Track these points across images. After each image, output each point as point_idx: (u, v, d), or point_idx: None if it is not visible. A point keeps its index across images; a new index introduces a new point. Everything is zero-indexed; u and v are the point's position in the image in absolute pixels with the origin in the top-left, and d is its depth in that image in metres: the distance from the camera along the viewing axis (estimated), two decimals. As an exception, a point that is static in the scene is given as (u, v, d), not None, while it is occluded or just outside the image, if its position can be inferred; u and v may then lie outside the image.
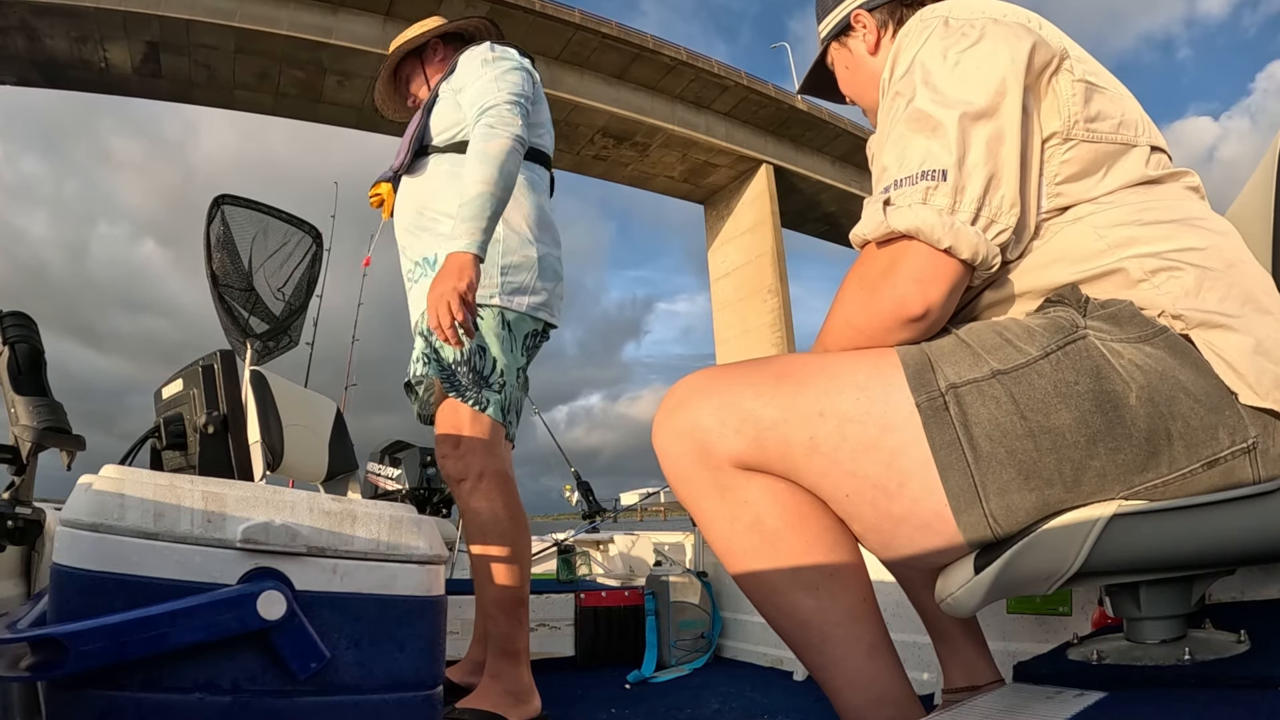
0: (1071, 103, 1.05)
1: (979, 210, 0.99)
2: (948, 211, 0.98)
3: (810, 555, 1.06)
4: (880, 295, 1.02)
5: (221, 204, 4.92)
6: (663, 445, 1.12)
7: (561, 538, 4.10)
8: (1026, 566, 0.95)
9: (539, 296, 2.11)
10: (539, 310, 2.11)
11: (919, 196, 0.99)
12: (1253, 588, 1.43)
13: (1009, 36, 1.05)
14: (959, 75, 1.03)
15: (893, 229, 1.00)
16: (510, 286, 2.05)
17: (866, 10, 1.32)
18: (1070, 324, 0.98)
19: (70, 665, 0.96)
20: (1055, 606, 1.83)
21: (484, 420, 2.01)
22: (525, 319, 2.09)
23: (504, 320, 2.04)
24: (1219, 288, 0.99)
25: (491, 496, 1.98)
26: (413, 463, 4.21)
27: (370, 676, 1.15)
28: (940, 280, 0.99)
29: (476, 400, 2.00)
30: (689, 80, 28.32)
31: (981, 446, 0.94)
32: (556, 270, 2.19)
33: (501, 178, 1.93)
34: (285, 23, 22.92)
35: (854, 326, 1.06)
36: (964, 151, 0.99)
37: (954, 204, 0.98)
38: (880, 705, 1.07)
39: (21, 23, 20.99)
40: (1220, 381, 0.94)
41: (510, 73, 2.10)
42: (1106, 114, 1.07)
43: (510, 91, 2.05)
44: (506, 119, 2.00)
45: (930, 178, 0.99)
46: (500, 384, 2.03)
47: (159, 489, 1.08)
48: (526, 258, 2.08)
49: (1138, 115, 1.10)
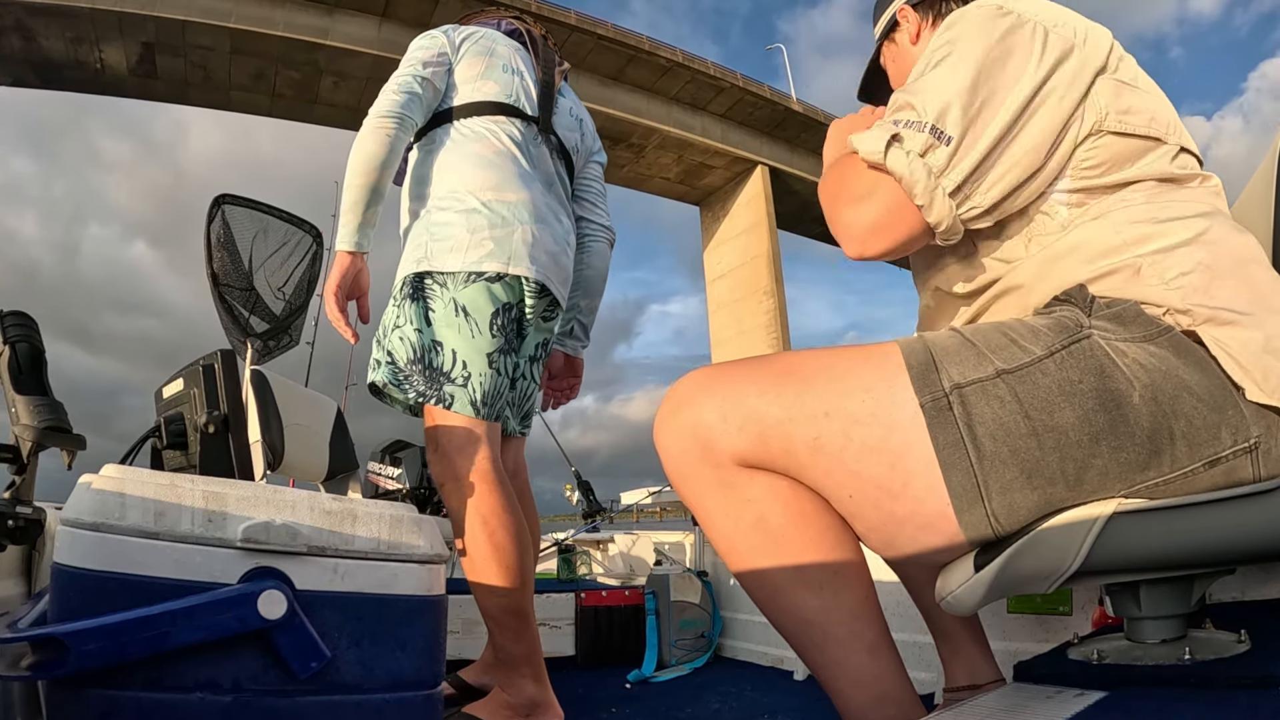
0: (1103, 99, 1.06)
1: (961, 185, 1.04)
2: (937, 174, 1.04)
3: (814, 554, 1.06)
4: (851, 211, 1.10)
5: (222, 204, 4.92)
6: (665, 443, 1.12)
7: (562, 537, 4.10)
8: (1026, 565, 0.96)
9: (480, 250, 1.87)
10: (484, 262, 1.87)
11: (919, 146, 1.04)
12: (1253, 588, 1.43)
13: (1054, 43, 1.07)
14: (998, 56, 1.06)
15: (884, 166, 1.06)
16: (440, 248, 1.88)
17: (910, 6, 1.37)
18: (1075, 324, 0.99)
19: (71, 665, 0.96)
20: (1055, 606, 1.83)
21: (454, 418, 1.86)
22: (481, 289, 1.87)
23: (457, 306, 1.87)
24: (1229, 285, 0.99)
25: (464, 500, 1.83)
26: (413, 462, 4.19)
27: (371, 676, 1.15)
28: (902, 227, 1.07)
29: (439, 398, 1.86)
30: (685, 82, 28.38)
31: (985, 446, 0.94)
32: (514, 217, 1.92)
33: (357, 162, 1.85)
34: (281, 23, 22.94)
35: (826, 206, 1.16)
36: (974, 127, 1.03)
37: (945, 168, 1.04)
38: (882, 704, 1.07)
39: (17, 23, 20.98)
40: (1223, 381, 0.95)
41: (411, 51, 2.02)
42: (1137, 109, 1.08)
43: (397, 73, 1.98)
44: (377, 101, 1.92)
45: (938, 136, 1.03)
46: (464, 376, 1.86)
47: (160, 488, 1.08)
48: (457, 213, 1.91)
49: (1170, 116, 1.11)
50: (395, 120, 1.88)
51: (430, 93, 1.98)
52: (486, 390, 1.89)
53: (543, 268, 1.94)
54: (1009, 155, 1.05)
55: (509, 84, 2.07)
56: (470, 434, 1.87)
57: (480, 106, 2.03)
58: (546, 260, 1.96)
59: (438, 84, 2.00)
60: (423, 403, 1.87)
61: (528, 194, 1.97)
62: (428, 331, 1.87)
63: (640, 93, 28.06)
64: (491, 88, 2.05)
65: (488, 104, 2.03)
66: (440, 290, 1.88)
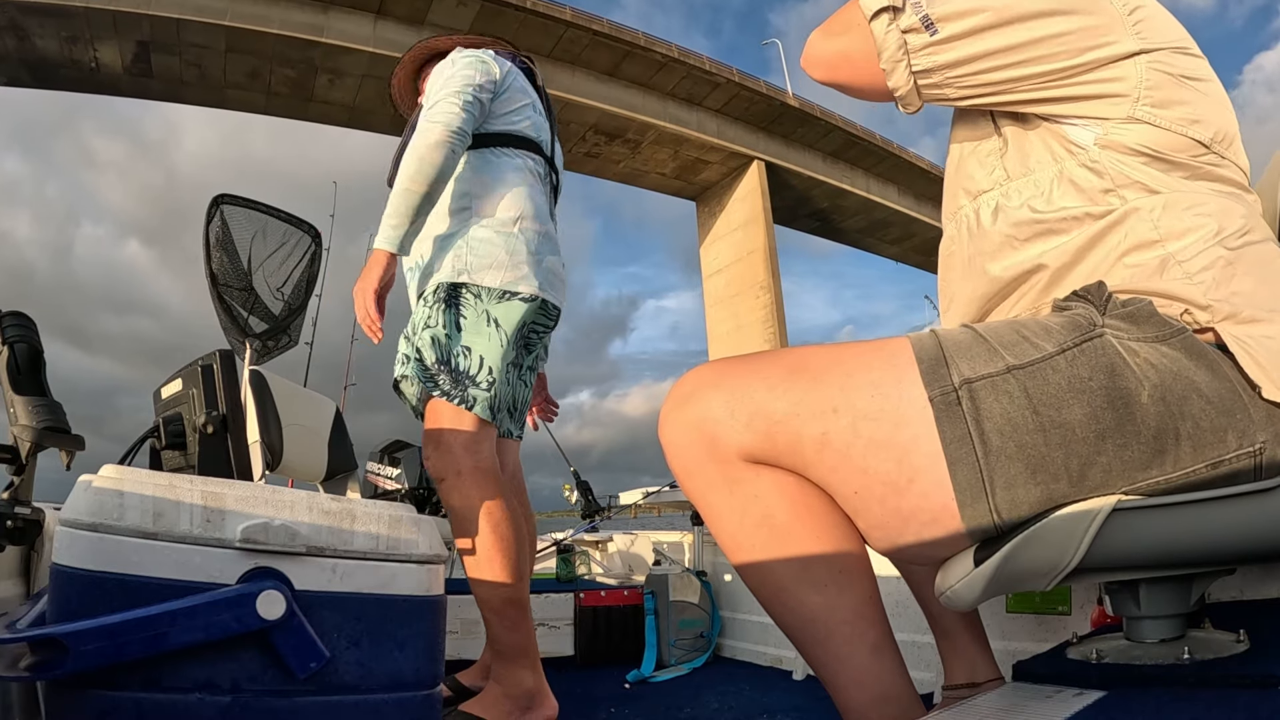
0: (1143, 86, 1.06)
1: (930, 71, 1.12)
2: (911, 50, 1.11)
3: (818, 551, 1.06)
4: (823, 37, 1.20)
5: (221, 204, 4.91)
6: (671, 437, 1.11)
7: (560, 537, 4.10)
8: (1026, 560, 0.95)
9: (517, 271, 2.04)
10: (519, 284, 2.03)
11: (906, 24, 1.10)
12: (1252, 587, 1.43)
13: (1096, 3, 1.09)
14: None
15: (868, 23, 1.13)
16: (480, 264, 2.01)
17: None
18: (1088, 322, 0.99)
19: (70, 665, 0.96)
20: (1055, 605, 1.83)
21: (467, 418, 1.97)
22: (514, 306, 2.03)
23: (489, 317, 2.01)
24: (1251, 282, 1.00)
25: (468, 494, 1.93)
26: (412, 462, 4.19)
27: (370, 676, 1.15)
28: (856, 75, 1.17)
29: (461, 399, 1.96)
30: (680, 77, 28.36)
31: (992, 441, 0.94)
32: (542, 247, 2.12)
33: (423, 171, 1.94)
34: (276, 21, 22.90)
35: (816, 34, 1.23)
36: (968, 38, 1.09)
37: (919, 50, 1.10)
38: (883, 703, 1.07)
39: (11, 22, 20.93)
40: (1234, 385, 0.95)
41: (463, 68, 2.09)
42: (1180, 105, 1.07)
43: (454, 86, 2.04)
44: (441, 111, 2.00)
45: (927, 26, 1.10)
46: (489, 381, 1.99)
47: (158, 488, 1.07)
48: (498, 234, 2.05)
49: (1222, 125, 1.10)
50: (459, 137, 2.01)
51: (480, 114, 2.11)
52: (501, 397, 2.04)
53: (559, 294, 2.16)
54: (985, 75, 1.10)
55: (539, 125, 2.27)
56: (479, 434, 1.99)
57: (519, 140, 2.21)
58: (560, 288, 2.18)
59: (486, 107, 2.13)
60: (449, 401, 1.97)
61: (551, 227, 2.21)
62: (457, 337, 2.00)
63: (636, 88, 28.02)
64: (527, 125, 2.23)
65: (525, 139, 2.22)
66: (475, 301, 2.01)
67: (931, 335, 1.05)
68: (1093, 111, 1.09)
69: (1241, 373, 0.96)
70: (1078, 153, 1.10)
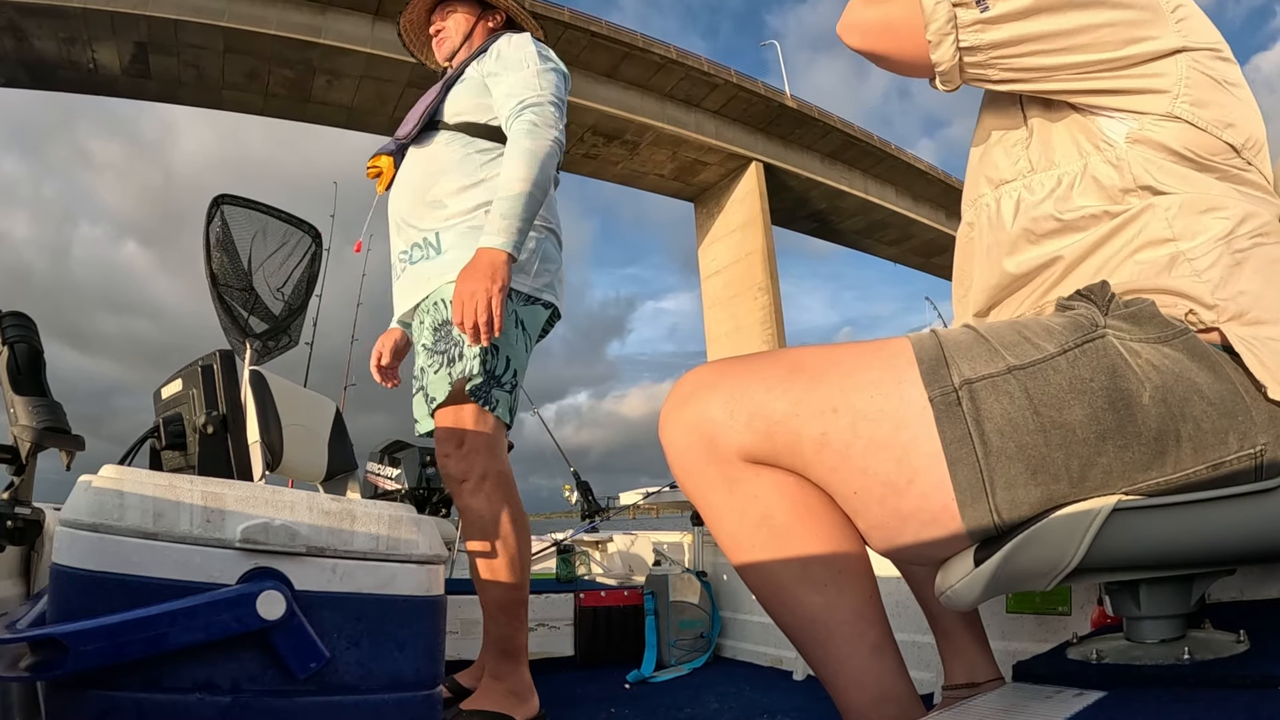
0: (1183, 84, 1.07)
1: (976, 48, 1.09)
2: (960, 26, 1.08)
3: (818, 551, 1.06)
4: (867, 7, 1.16)
5: (221, 204, 4.89)
6: (670, 438, 1.11)
7: (561, 537, 4.10)
8: (1026, 560, 0.95)
9: (542, 278, 2.08)
10: (543, 291, 2.07)
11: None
12: (1252, 588, 1.43)
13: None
14: None
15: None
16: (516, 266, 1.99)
17: None
18: (1090, 323, 0.99)
19: (70, 665, 0.96)
20: (1054, 606, 1.83)
21: (489, 419, 1.97)
22: (537, 311, 2.07)
23: (518, 319, 2.02)
24: (1259, 283, 1.00)
25: (494, 498, 1.94)
26: (412, 463, 4.19)
27: (370, 676, 1.15)
28: (900, 41, 1.13)
29: (486, 400, 1.96)
30: (679, 78, 28.38)
31: (992, 441, 0.94)
32: (556, 252, 2.16)
33: (543, 178, 1.93)
34: (274, 22, 22.89)
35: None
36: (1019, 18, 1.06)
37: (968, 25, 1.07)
38: (883, 704, 1.07)
39: (9, 23, 20.92)
40: (1236, 387, 0.95)
41: (552, 73, 2.09)
42: (1215, 106, 1.07)
43: (553, 92, 2.05)
44: (550, 119, 2.00)
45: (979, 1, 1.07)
46: (511, 384, 2.00)
47: (158, 489, 1.07)
48: (533, 239, 2.05)
49: (1254, 131, 1.11)
50: (561, 146, 2.02)
51: None
52: (517, 399, 2.06)
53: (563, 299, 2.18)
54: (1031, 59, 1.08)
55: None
56: (497, 437, 2.00)
57: None
58: (563, 292, 2.20)
59: None
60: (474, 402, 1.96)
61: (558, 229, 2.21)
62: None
63: (634, 89, 28.05)
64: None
65: None
66: (506, 303, 1.96)
67: (932, 335, 1.04)
68: (1132, 105, 1.09)
69: (1245, 374, 0.96)
70: (1105, 149, 1.10)
